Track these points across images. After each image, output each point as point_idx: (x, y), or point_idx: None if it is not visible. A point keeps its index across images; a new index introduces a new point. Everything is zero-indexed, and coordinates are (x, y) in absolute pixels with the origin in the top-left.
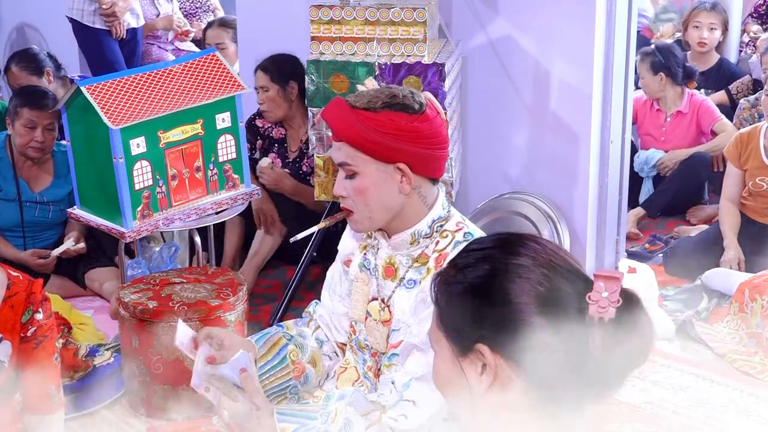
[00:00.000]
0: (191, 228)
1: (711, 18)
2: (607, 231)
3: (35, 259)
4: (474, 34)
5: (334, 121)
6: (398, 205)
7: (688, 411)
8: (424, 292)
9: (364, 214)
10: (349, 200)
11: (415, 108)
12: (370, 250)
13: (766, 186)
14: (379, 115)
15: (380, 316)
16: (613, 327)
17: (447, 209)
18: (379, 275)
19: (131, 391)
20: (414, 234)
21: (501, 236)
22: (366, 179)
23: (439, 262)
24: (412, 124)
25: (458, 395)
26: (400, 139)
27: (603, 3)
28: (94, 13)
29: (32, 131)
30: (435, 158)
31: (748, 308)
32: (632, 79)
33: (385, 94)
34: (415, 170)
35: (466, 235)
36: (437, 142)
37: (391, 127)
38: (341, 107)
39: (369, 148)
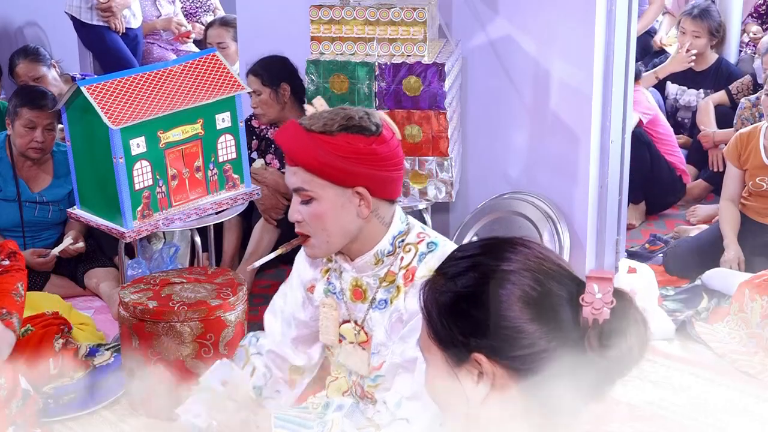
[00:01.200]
0: (191, 228)
1: (694, 26)
2: (607, 231)
3: (35, 258)
4: (474, 34)
5: (288, 145)
6: (356, 229)
7: (688, 411)
8: (398, 310)
9: (321, 239)
10: (306, 225)
11: (372, 130)
12: (332, 273)
13: (766, 186)
14: (336, 138)
15: (356, 338)
16: (607, 328)
17: (405, 222)
18: (346, 298)
19: (131, 391)
20: (377, 254)
21: (488, 241)
22: (323, 204)
23: (407, 277)
24: (370, 146)
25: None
26: (358, 162)
27: (603, 3)
28: (91, 9)
29: (32, 131)
30: (392, 180)
31: (748, 308)
32: (632, 79)
33: (340, 116)
34: (374, 193)
35: (429, 245)
36: (394, 163)
37: (348, 151)
38: (296, 130)
39: (326, 172)
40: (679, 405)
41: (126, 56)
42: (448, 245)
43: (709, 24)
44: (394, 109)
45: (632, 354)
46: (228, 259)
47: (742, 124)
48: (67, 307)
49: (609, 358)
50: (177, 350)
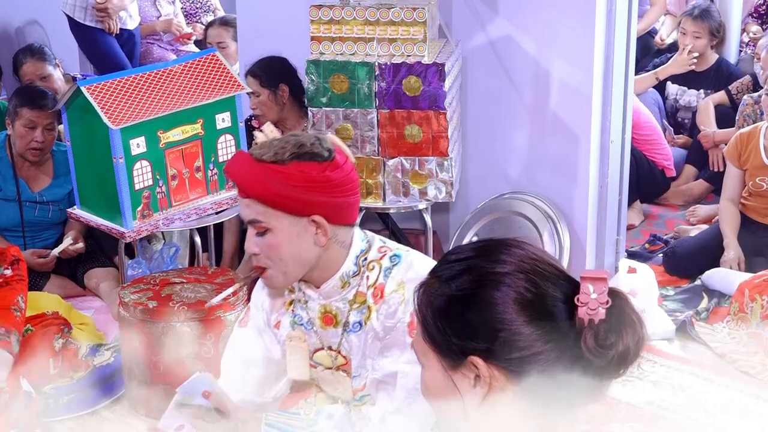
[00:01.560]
0: (191, 228)
1: (695, 26)
2: (607, 231)
3: (35, 259)
4: (474, 34)
5: (239, 177)
6: (315, 258)
7: (688, 411)
8: (373, 330)
9: (278, 271)
10: (262, 258)
11: (325, 156)
12: (297, 304)
13: (766, 186)
14: (288, 167)
15: (334, 363)
16: (604, 328)
17: (365, 239)
18: (316, 327)
19: (131, 391)
20: (343, 276)
21: (482, 244)
22: (279, 235)
23: (377, 295)
24: (324, 173)
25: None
26: (312, 191)
27: (603, 3)
28: (85, 10)
29: (32, 131)
30: (349, 205)
31: (748, 308)
32: (632, 79)
33: (291, 144)
34: (331, 220)
35: (392, 259)
36: (350, 188)
37: (301, 180)
38: (246, 162)
39: (280, 203)
40: (679, 405)
41: (118, 59)
42: (411, 255)
43: (709, 24)
44: (394, 109)
45: (629, 353)
46: (228, 259)
47: (744, 121)
48: (67, 307)
49: (606, 358)
50: (177, 350)
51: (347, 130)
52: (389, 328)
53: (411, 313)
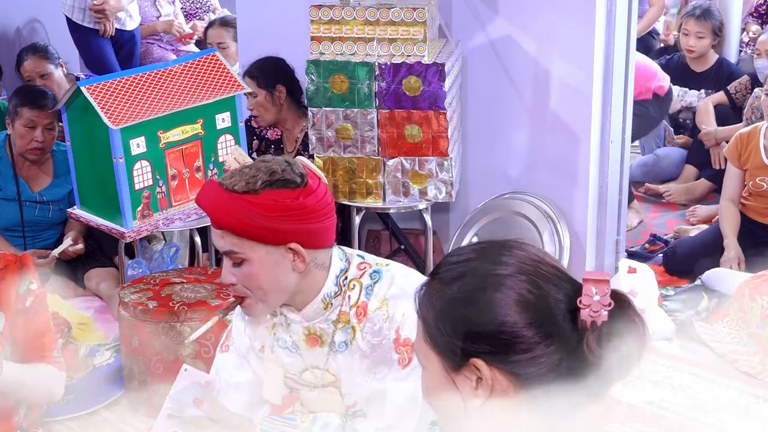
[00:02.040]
0: (191, 228)
1: (698, 26)
2: (607, 231)
3: (35, 259)
4: (474, 34)
5: (211, 209)
6: (294, 284)
7: (688, 411)
8: (360, 349)
9: (258, 299)
10: (240, 287)
11: (297, 182)
12: (279, 328)
13: (766, 186)
14: (261, 197)
15: (321, 381)
16: (606, 330)
17: (344, 258)
18: (300, 349)
19: (131, 391)
20: (325, 298)
21: (482, 245)
22: (255, 265)
23: (360, 314)
24: (298, 200)
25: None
26: (287, 220)
27: (603, 3)
28: (83, 11)
29: (32, 131)
30: (325, 229)
31: (748, 308)
32: (632, 79)
33: (262, 171)
34: (308, 246)
35: (372, 276)
36: (324, 212)
37: (276, 209)
38: (217, 193)
39: (255, 233)
40: (679, 405)
41: (109, 64)
42: (392, 269)
43: (712, 24)
44: (394, 109)
45: (631, 356)
46: None
47: (752, 113)
48: (67, 307)
49: (608, 361)
50: (177, 350)
51: (347, 130)
52: (375, 345)
53: (396, 329)
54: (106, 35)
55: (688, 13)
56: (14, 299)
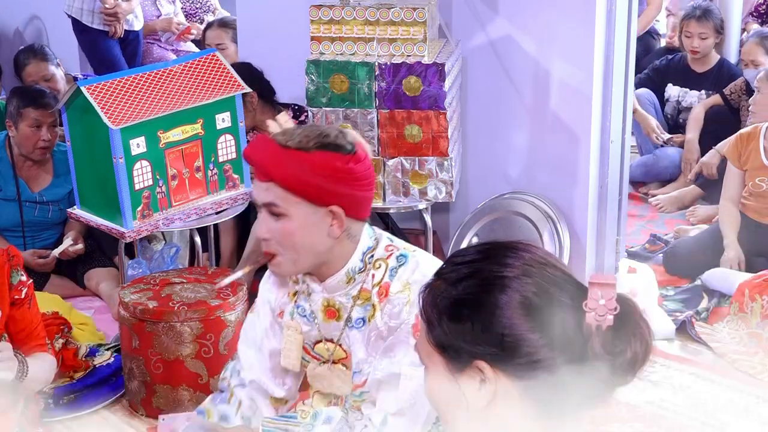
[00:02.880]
0: (191, 228)
1: (701, 27)
2: (607, 231)
3: (35, 259)
4: (474, 34)
5: (262, 160)
6: (326, 249)
7: (688, 411)
8: (377, 328)
9: (289, 258)
10: (273, 243)
11: (348, 148)
12: (300, 296)
13: (765, 186)
14: (313, 156)
15: (333, 356)
16: (611, 334)
17: (373, 236)
18: (319, 320)
19: (131, 391)
20: (349, 272)
21: (488, 246)
22: (294, 222)
23: (381, 294)
24: (347, 165)
25: (455, 411)
26: (335, 181)
27: (603, 3)
28: (92, 12)
29: (38, 130)
30: (366, 200)
31: (748, 308)
32: (632, 79)
33: (316, 133)
34: (348, 213)
35: (399, 259)
36: (368, 183)
37: (326, 168)
38: (271, 146)
39: (302, 190)
40: (679, 405)
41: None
42: (418, 255)
43: (713, 23)
44: (394, 109)
45: (636, 360)
46: (226, 259)
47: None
48: (67, 307)
49: (613, 365)
50: (177, 350)
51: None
52: (393, 328)
53: (416, 314)
54: (116, 36)
55: (688, 15)
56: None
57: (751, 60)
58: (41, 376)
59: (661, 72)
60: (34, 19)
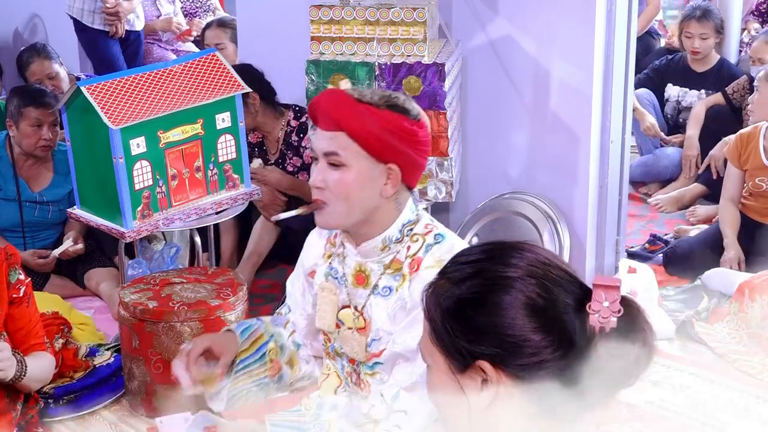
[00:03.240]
0: (191, 228)
1: (701, 28)
2: (607, 231)
3: (35, 259)
4: (474, 34)
5: (335, 109)
6: (374, 208)
7: (688, 411)
8: (402, 299)
9: (339, 209)
10: (327, 192)
11: (413, 113)
12: (335, 258)
13: (765, 186)
14: (383, 113)
15: (355, 324)
16: (614, 336)
17: (415, 212)
18: (348, 284)
19: (131, 391)
20: (385, 240)
21: (493, 246)
22: (352, 173)
23: (413, 267)
24: (412, 127)
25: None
26: (400, 139)
27: (603, 3)
28: (94, 13)
29: (39, 129)
30: (421, 167)
31: (748, 308)
32: (632, 79)
33: (386, 95)
34: (404, 174)
35: (436, 237)
36: (426, 151)
37: (394, 126)
38: (344, 97)
39: (369, 142)
40: (679, 405)
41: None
42: (455, 239)
43: (714, 23)
44: None
45: (639, 363)
46: (227, 259)
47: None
48: (67, 307)
49: (615, 367)
50: (177, 350)
51: None
52: (417, 303)
53: None
54: (117, 36)
55: (688, 16)
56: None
57: (759, 58)
58: (40, 375)
59: (661, 72)
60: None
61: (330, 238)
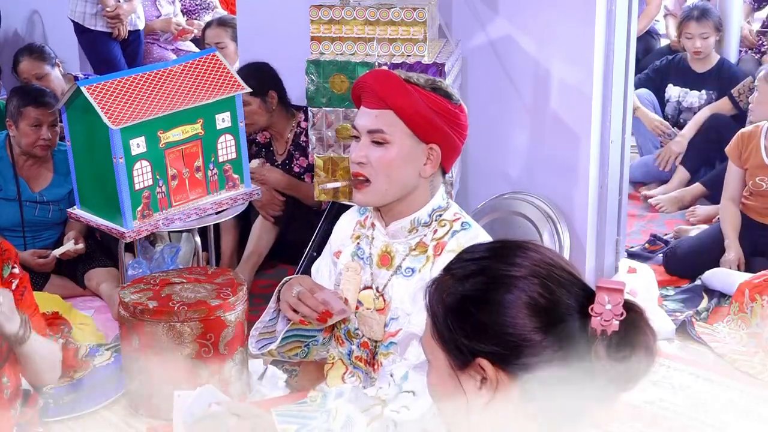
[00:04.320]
0: (192, 228)
1: (701, 28)
2: (607, 231)
3: (35, 259)
4: (474, 34)
5: (382, 87)
6: (412, 187)
7: (688, 411)
8: (424, 280)
9: (380, 186)
10: (369, 168)
11: (456, 98)
12: (363, 239)
13: (765, 186)
14: (429, 94)
15: (374, 304)
16: (616, 340)
17: (446, 200)
18: (373, 264)
19: (131, 391)
20: (413, 221)
21: (497, 244)
22: (395, 151)
23: (437, 250)
24: (455, 110)
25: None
26: (443, 120)
27: (603, 3)
28: (95, 16)
29: (38, 129)
30: (458, 150)
31: (748, 308)
32: (632, 79)
33: (429, 78)
34: (443, 155)
35: (463, 225)
36: (464, 135)
37: (437, 105)
38: (392, 76)
39: (415, 120)
40: (679, 405)
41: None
42: (480, 230)
43: (713, 21)
44: None
45: (639, 367)
46: (227, 259)
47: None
48: (67, 307)
49: (616, 370)
50: (177, 350)
51: (347, 130)
52: None
53: None
54: (120, 38)
55: (687, 16)
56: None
57: None
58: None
59: (661, 72)
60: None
61: (360, 221)
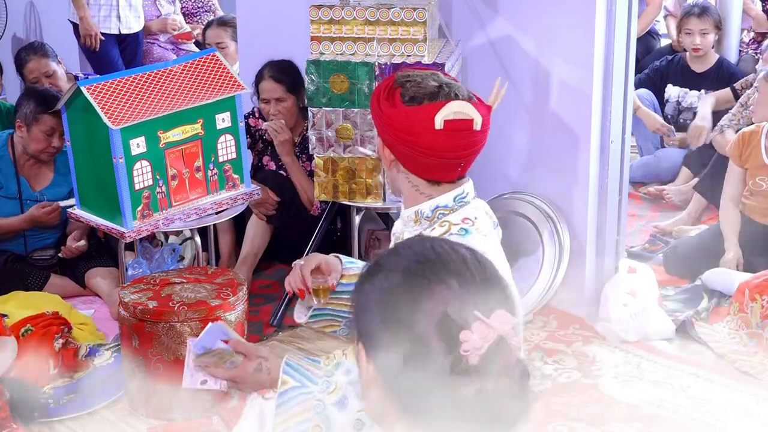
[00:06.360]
0: (192, 228)
1: (701, 24)
2: (607, 231)
3: (40, 209)
4: (474, 34)
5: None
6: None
7: (688, 411)
8: None
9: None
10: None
11: (407, 99)
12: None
13: (765, 186)
14: (383, 99)
15: None
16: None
17: (458, 204)
18: None
19: (131, 391)
20: (417, 213)
21: (415, 237)
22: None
23: None
24: (388, 111)
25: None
26: (379, 122)
27: (603, 3)
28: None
29: (51, 137)
30: (406, 154)
31: (748, 308)
32: (632, 79)
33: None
34: (395, 155)
35: (460, 231)
36: (404, 139)
37: (377, 110)
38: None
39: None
40: (679, 405)
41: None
42: (478, 238)
43: (713, 18)
44: None
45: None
46: (226, 259)
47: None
48: (67, 307)
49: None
50: (177, 350)
51: (347, 130)
52: None
53: None
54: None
55: (687, 13)
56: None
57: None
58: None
59: (661, 72)
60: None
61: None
